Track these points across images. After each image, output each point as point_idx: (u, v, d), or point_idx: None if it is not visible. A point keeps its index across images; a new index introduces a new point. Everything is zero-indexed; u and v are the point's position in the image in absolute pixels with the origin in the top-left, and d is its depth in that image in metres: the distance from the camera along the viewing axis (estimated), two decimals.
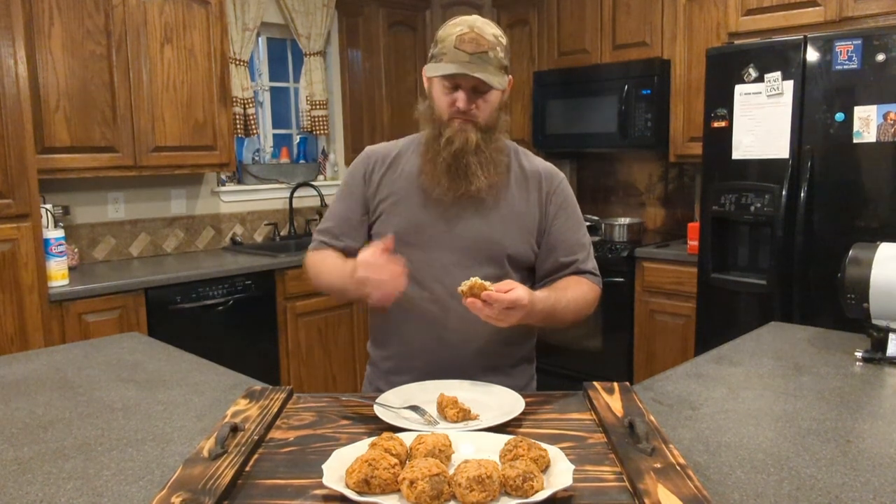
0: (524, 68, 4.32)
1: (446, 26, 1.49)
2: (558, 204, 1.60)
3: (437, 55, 1.48)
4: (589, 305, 1.57)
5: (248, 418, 1.23)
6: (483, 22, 1.49)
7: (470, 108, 1.47)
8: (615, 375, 3.56)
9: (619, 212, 4.37)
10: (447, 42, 1.45)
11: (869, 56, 2.64)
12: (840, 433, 1.21)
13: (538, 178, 1.60)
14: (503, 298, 1.29)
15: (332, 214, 1.67)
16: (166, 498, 0.94)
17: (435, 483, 0.93)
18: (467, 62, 1.42)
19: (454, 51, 1.43)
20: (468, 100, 1.46)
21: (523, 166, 1.61)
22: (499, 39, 1.48)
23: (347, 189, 1.65)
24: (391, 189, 1.59)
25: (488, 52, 1.44)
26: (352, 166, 1.68)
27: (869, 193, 2.69)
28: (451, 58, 1.43)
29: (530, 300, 1.34)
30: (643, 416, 1.19)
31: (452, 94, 1.47)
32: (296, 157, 4.39)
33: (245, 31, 3.85)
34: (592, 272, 1.61)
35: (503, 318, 1.32)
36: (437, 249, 1.55)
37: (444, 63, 1.45)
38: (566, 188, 1.63)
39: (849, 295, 1.62)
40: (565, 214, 1.60)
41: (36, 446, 1.21)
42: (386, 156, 1.64)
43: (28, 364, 1.70)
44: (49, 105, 2.94)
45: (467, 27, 1.45)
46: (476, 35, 1.44)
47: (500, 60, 1.47)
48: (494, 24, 1.52)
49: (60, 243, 2.88)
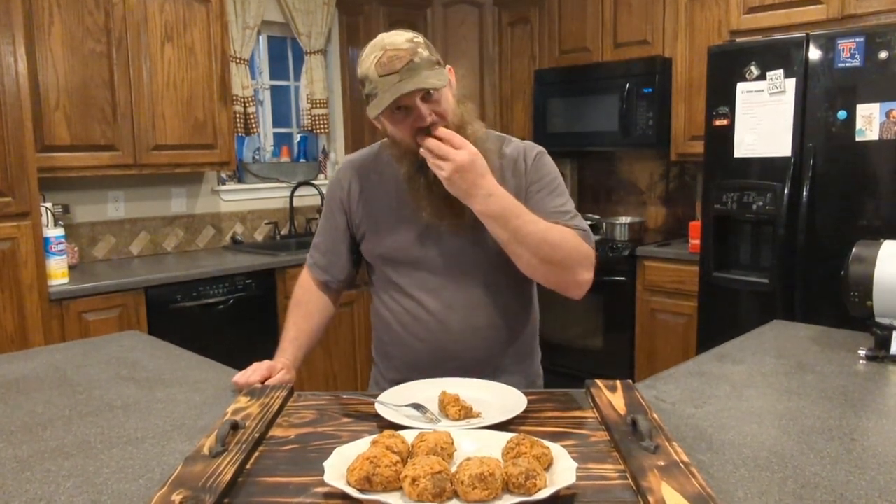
0: (525, 66, 4.31)
1: (361, 62, 1.41)
2: (533, 179, 1.53)
3: (370, 93, 1.40)
4: (571, 252, 1.42)
5: (248, 416, 1.22)
6: (390, 35, 1.40)
7: (430, 120, 1.38)
8: (616, 375, 3.52)
9: (621, 211, 4.37)
10: (370, 75, 1.37)
11: (871, 54, 2.63)
12: (844, 431, 1.20)
13: (515, 161, 1.54)
14: (454, 137, 1.35)
15: (321, 229, 1.69)
16: (167, 496, 0.93)
17: (437, 481, 0.92)
18: (399, 82, 1.34)
19: (382, 79, 1.36)
20: (424, 113, 1.38)
21: (504, 154, 1.55)
22: (415, 41, 1.39)
23: (329, 209, 1.66)
24: (372, 207, 1.58)
25: (413, 59, 1.35)
26: (330, 184, 1.67)
27: (871, 191, 2.69)
28: (383, 87, 1.36)
29: (481, 162, 1.36)
30: (646, 414, 1.19)
31: (407, 119, 1.40)
32: (296, 156, 4.39)
33: (246, 29, 3.85)
34: (580, 228, 1.49)
35: (438, 158, 1.34)
36: (427, 265, 1.53)
37: (380, 96, 1.37)
38: (542, 161, 1.55)
39: (852, 293, 1.61)
40: (540, 186, 1.52)
41: (35, 444, 1.20)
42: (361, 168, 1.61)
43: (28, 362, 1.70)
44: (49, 103, 2.93)
45: (380, 50, 1.37)
46: (393, 52, 1.36)
47: (428, 60, 1.38)
48: (401, 30, 1.43)
49: (60, 242, 2.88)
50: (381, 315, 1.62)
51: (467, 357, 1.53)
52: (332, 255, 1.66)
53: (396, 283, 1.57)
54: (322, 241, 1.68)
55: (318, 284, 1.68)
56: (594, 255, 1.48)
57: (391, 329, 1.59)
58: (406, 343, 1.57)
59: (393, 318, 1.59)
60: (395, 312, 1.58)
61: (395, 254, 1.56)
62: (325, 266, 1.67)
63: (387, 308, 1.60)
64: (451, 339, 1.53)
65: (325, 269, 1.67)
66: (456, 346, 1.53)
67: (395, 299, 1.58)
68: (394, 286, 1.58)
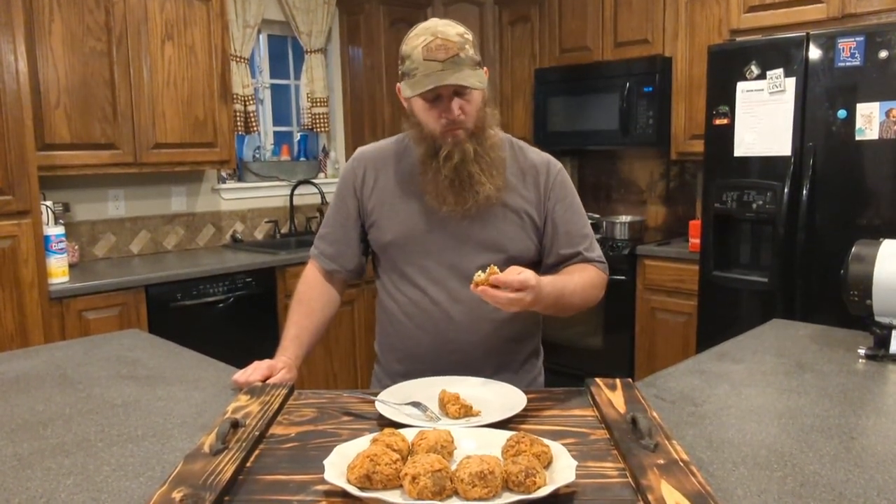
0: (525, 65, 4.31)
1: (409, 39, 1.44)
2: (557, 196, 1.58)
3: (408, 72, 1.43)
4: (596, 291, 1.56)
5: (249, 414, 1.22)
6: (444, 24, 1.44)
7: (457, 115, 1.43)
8: (616, 373, 3.52)
9: (621, 210, 4.37)
10: (415, 56, 1.40)
11: (872, 53, 2.63)
12: (843, 430, 1.20)
13: (535, 172, 1.58)
14: (512, 280, 1.29)
15: (328, 220, 1.69)
16: (167, 493, 0.93)
17: (437, 479, 0.93)
18: (441, 71, 1.38)
19: (425, 63, 1.38)
20: (453, 108, 1.42)
21: (520, 160, 1.59)
22: (465, 37, 1.43)
23: (340, 197, 1.66)
24: (384, 196, 1.58)
25: (459, 53, 1.39)
26: (343, 172, 1.68)
27: (871, 191, 2.69)
28: (424, 71, 1.39)
29: (538, 282, 1.33)
30: (646, 412, 1.19)
31: (436, 107, 1.44)
32: (296, 155, 4.39)
33: (246, 28, 3.85)
34: (598, 260, 1.59)
35: (513, 303, 1.31)
36: (436, 255, 1.54)
37: (418, 78, 1.40)
38: (564, 178, 1.61)
39: (852, 292, 1.61)
40: (564, 206, 1.58)
41: (36, 442, 1.20)
42: (376, 159, 1.62)
43: (28, 361, 1.70)
44: (49, 101, 2.93)
45: (430, 35, 1.40)
46: (442, 41, 1.38)
47: (472, 58, 1.42)
48: (455, 21, 1.47)
49: (61, 240, 2.88)
50: (385, 306, 1.63)
51: (470, 350, 1.54)
52: (341, 244, 1.65)
53: (403, 271, 1.58)
54: (330, 231, 1.67)
55: (324, 275, 1.67)
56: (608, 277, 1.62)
57: (395, 320, 1.60)
58: (410, 334, 1.58)
59: (398, 309, 1.59)
60: (400, 303, 1.59)
61: (402, 241, 1.56)
62: (332, 255, 1.65)
63: (392, 299, 1.61)
64: (454, 331, 1.53)
65: (332, 259, 1.65)
66: (459, 337, 1.53)
67: (400, 290, 1.59)
68: (400, 276, 1.58)
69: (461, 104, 1.43)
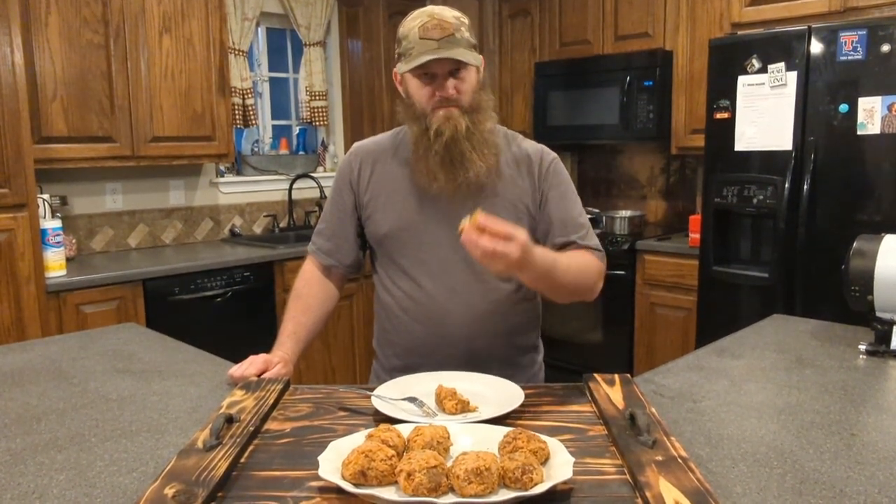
0: (525, 59, 4.29)
1: (405, 22, 1.47)
2: (551, 183, 1.56)
3: (404, 52, 1.45)
4: (592, 277, 1.50)
5: (243, 409, 1.21)
6: (441, 7, 1.46)
7: (451, 93, 1.44)
8: (615, 369, 3.53)
9: (621, 204, 4.35)
10: (411, 36, 1.43)
11: (874, 47, 2.61)
12: (844, 426, 1.19)
13: (529, 161, 1.57)
14: (499, 228, 1.19)
15: (325, 216, 1.68)
16: (159, 489, 0.92)
17: (432, 475, 0.92)
18: (436, 48, 1.40)
19: (421, 42, 1.41)
20: (448, 86, 1.44)
21: (514, 150, 1.58)
22: (461, 20, 1.45)
23: (336, 192, 1.65)
24: (380, 189, 1.58)
25: (454, 34, 1.41)
26: (340, 166, 1.67)
27: (873, 185, 2.67)
28: (420, 49, 1.41)
29: (528, 240, 1.24)
30: (644, 409, 1.18)
31: (430, 85, 1.45)
32: (295, 149, 4.37)
33: (244, 20, 3.83)
34: (595, 248, 1.55)
35: (497, 256, 1.19)
36: (432, 248, 1.53)
37: (414, 55, 1.42)
38: (558, 167, 1.59)
39: (853, 287, 1.60)
40: (558, 193, 1.56)
41: (29, 437, 1.19)
42: (373, 152, 1.62)
43: (23, 354, 1.69)
44: (46, 94, 2.91)
45: (427, 16, 1.43)
46: (438, 21, 1.41)
47: (468, 40, 1.44)
48: (451, 7, 1.49)
49: (58, 234, 2.87)
50: (383, 301, 1.62)
51: (468, 344, 1.53)
52: (338, 239, 1.65)
53: (399, 264, 1.57)
54: (327, 226, 1.67)
55: (322, 270, 1.67)
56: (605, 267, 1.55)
57: (392, 314, 1.59)
58: (407, 327, 1.57)
59: (394, 303, 1.58)
60: (396, 297, 1.58)
61: (398, 234, 1.55)
62: (329, 250, 1.65)
63: (389, 293, 1.60)
64: (451, 324, 1.52)
65: (329, 253, 1.65)
66: (456, 331, 1.52)
67: (396, 284, 1.58)
68: (396, 269, 1.58)
69: (455, 83, 1.44)
